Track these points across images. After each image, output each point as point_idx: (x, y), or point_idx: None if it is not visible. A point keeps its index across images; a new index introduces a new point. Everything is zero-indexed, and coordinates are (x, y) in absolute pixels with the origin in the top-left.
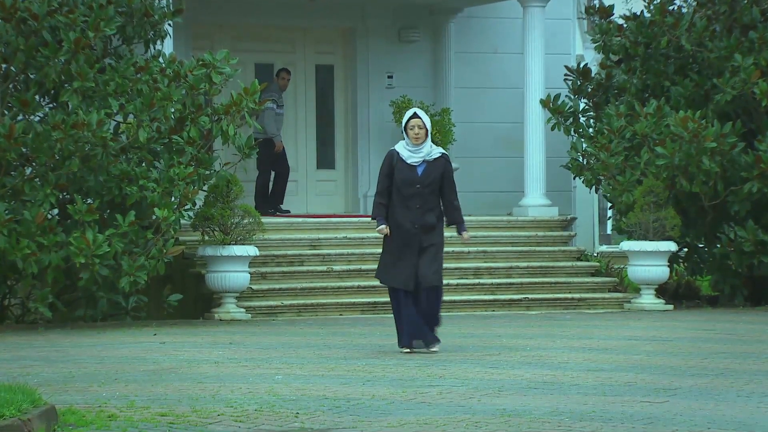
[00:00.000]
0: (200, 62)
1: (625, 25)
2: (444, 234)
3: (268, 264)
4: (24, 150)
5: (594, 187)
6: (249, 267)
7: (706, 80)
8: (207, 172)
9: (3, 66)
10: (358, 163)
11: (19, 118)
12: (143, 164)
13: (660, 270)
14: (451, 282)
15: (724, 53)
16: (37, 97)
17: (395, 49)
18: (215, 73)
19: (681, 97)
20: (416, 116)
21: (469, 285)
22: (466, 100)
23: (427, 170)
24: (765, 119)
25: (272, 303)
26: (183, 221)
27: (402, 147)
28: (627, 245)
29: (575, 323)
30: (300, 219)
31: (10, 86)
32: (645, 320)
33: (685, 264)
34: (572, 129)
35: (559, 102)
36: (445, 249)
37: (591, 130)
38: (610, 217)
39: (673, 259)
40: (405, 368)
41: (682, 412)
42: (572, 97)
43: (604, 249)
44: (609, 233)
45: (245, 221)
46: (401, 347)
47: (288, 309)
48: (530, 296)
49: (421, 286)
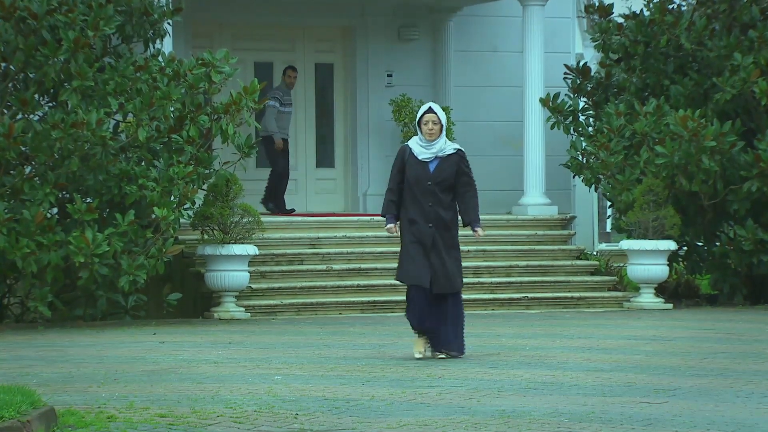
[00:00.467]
0: (200, 61)
1: (625, 24)
2: (459, 233)
3: (268, 263)
4: (23, 149)
5: (593, 186)
6: (248, 266)
7: (706, 79)
8: (206, 171)
9: (2, 65)
10: (358, 162)
11: (19, 117)
12: (143, 163)
13: (659, 269)
14: None
15: (724, 52)
16: (37, 96)
17: (395, 48)
18: (215, 72)
19: (680, 96)
20: (431, 111)
21: (469, 284)
22: (466, 99)
23: (440, 167)
24: (764, 118)
25: (272, 302)
26: (182, 220)
27: (415, 142)
28: (626, 244)
29: (575, 322)
30: (299, 218)
31: (10, 85)
32: (644, 319)
33: (685, 263)
34: (572, 128)
35: (559, 101)
36: None
37: (590, 129)
38: (610, 216)
39: (673, 258)
40: (404, 368)
41: (682, 413)
42: (572, 96)
43: (604, 247)
44: (609, 231)
45: (245, 220)
46: (415, 331)
47: (287, 308)
48: (530, 295)
49: (437, 291)
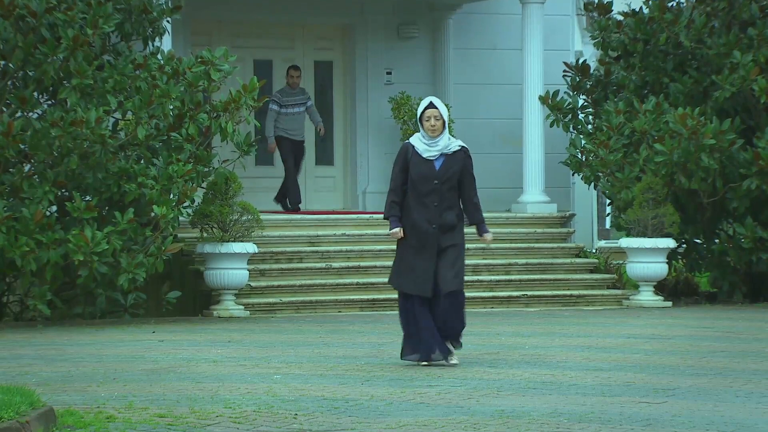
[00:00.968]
0: (199, 59)
1: (624, 22)
2: (464, 234)
3: (267, 261)
4: (22, 147)
5: (593, 184)
6: (248, 264)
7: (705, 77)
8: (206, 170)
9: (1, 63)
10: (357, 160)
11: (18, 116)
12: (142, 161)
13: (659, 267)
14: None
15: (723, 50)
16: (36, 94)
17: (394, 46)
18: (214, 70)
19: (680, 94)
20: (432, 106)
21: (468, 282)
22: (465, 97)
23: (446, 164)
24: (764, 116)
25: (271, 300)
26: (182, 218)
27: (417, 140)
28: (626, 242)
29: (574, 320)
30: (299, 216)
31: (9, 83)
32: (644, 317)
33: (684, 260)
34: (571, 125)
35: (558, 98)
36: None
37: (590, 127)
38: (609, 214)
39: (672, 256)
40: (404, 368)
41: (681, 413)
42: (571, 94)
43: (603, 244)
44: (608, 228)
45: (244, 218)
46: (408, 357)
47: (287, 306)
48: (529, 293)
49: (441, 292)
